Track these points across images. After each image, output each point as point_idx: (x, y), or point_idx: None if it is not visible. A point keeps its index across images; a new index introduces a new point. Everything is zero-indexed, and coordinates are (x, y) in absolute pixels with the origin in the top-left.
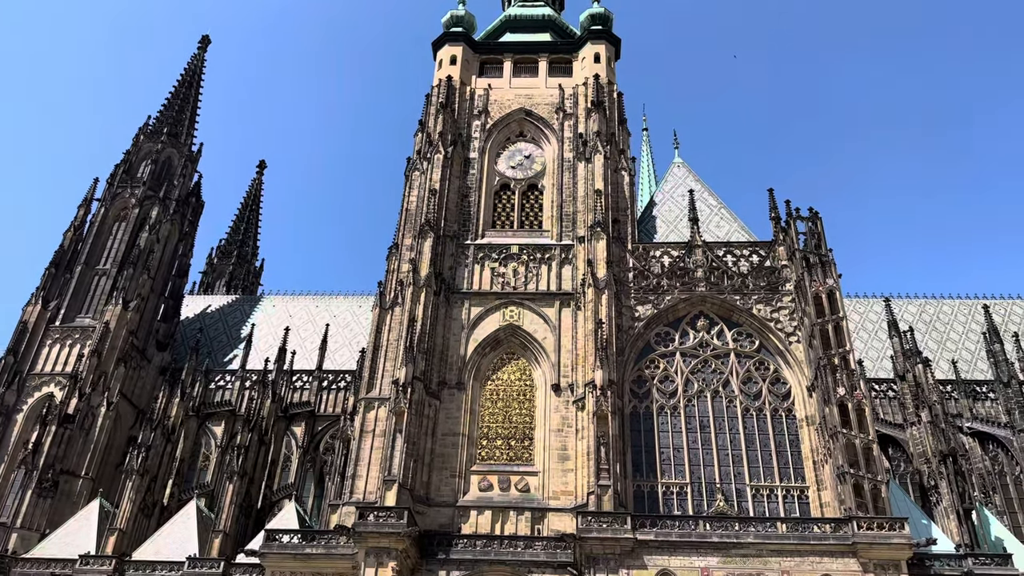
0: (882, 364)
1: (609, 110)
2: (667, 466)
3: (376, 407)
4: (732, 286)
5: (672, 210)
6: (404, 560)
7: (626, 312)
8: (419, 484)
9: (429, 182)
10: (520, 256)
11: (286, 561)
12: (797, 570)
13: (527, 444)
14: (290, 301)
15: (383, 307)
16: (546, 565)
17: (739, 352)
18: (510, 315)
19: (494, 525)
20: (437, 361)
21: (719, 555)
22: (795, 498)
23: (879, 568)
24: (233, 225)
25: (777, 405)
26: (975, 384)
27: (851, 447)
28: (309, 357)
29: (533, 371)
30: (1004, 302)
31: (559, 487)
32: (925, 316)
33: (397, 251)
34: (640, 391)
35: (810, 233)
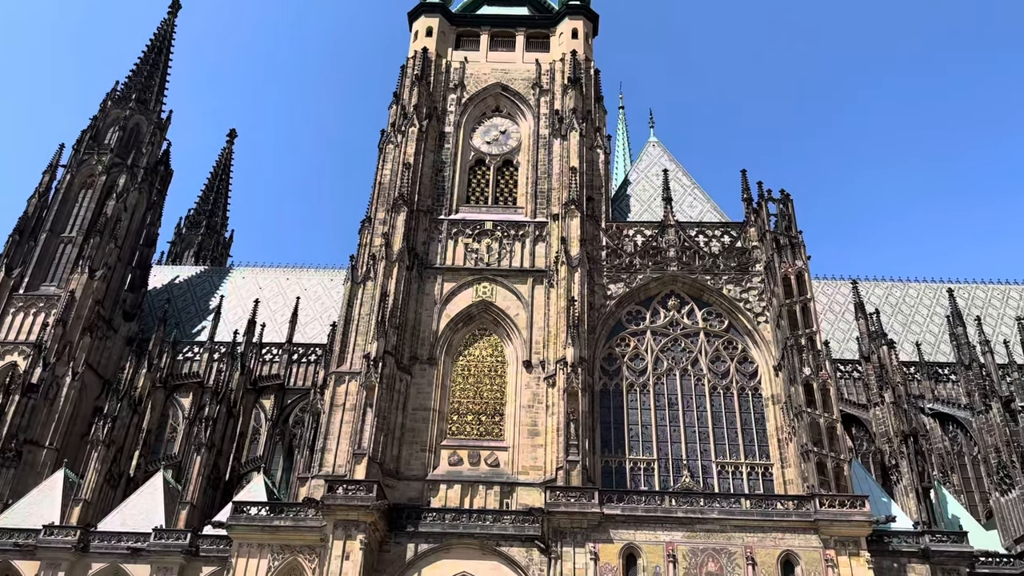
0: (848, 345)
1: (586, 87)
2: (635, 442)
3: (347, 381)
4: (703, 266)
5: (646, 189)
6: (373, 533)
7: (598, 290)
8: (389, 458)
9: (403, 156)
10: (494, 232)
11: (254, 533)
12: (760, 545)
13: (498, 420)
14: (260, 273)
15: (355, 281)
16: (514, 538)
17: (708, 331)
18: (483, 291)
19: (463, 499)
20: (409, 336)
21: (684, 530)
22: (759, 475)
23: (839, 544)
24: (202, 195)
25: (744, 384)
26: (938, 366)
27: (815, 426)
28: (279, 330)
29: (505, 347)
30: (968, 286)
31: (528, 462)
32: (891, 299)
33: (370, 225)
34: (610, 368)
35: (781, 215)
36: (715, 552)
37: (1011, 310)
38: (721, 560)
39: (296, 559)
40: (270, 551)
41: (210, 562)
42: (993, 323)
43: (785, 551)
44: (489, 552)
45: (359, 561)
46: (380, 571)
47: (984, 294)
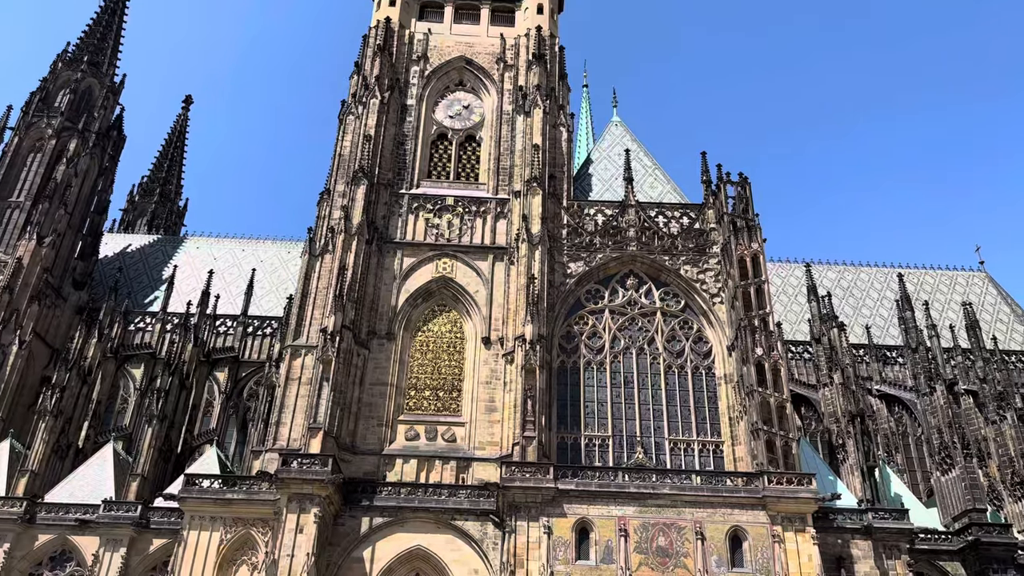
0: (800, 327)
1: (550, 64)
2: (591, 419)
3: (303, 355)
4: (662, 246)
5: (608, 169)
6: (327, 507)
7: (558, 268)
8: (345, 432)
9: (364, 127)
10: (455, 208)
11: (206, 506)
12: (709, 520)
13: (455, 395)
14: (215, 243)
15: (313, 254)
16: (469, 512)
17: (665, 311)
18: (443, 267)
19: (419, 474)
20: (367, 310)
21: (636, 505)
22: (711, 452)
23: (786, 520)
24: (156, 162)
25: (698, 363)
26: (886, 349)
27: (766, 405)
28: (234, 302)
29: (464, 324)
30: (917, 271)
31: (485, 438)
32: (843, 282)
33: (329, 197)
34: (568, 346)
35: (739, 197)
36: (666, 527)
37: (958, 295)
38: (671, 535)
39: (249, 532)
40: (223, 524)
41: (161, 534)
42: (940, 308)
43: (733, 526)
44: (444, 526)
45: (312, 534)
46: (334, 544)
47: (933, 279)
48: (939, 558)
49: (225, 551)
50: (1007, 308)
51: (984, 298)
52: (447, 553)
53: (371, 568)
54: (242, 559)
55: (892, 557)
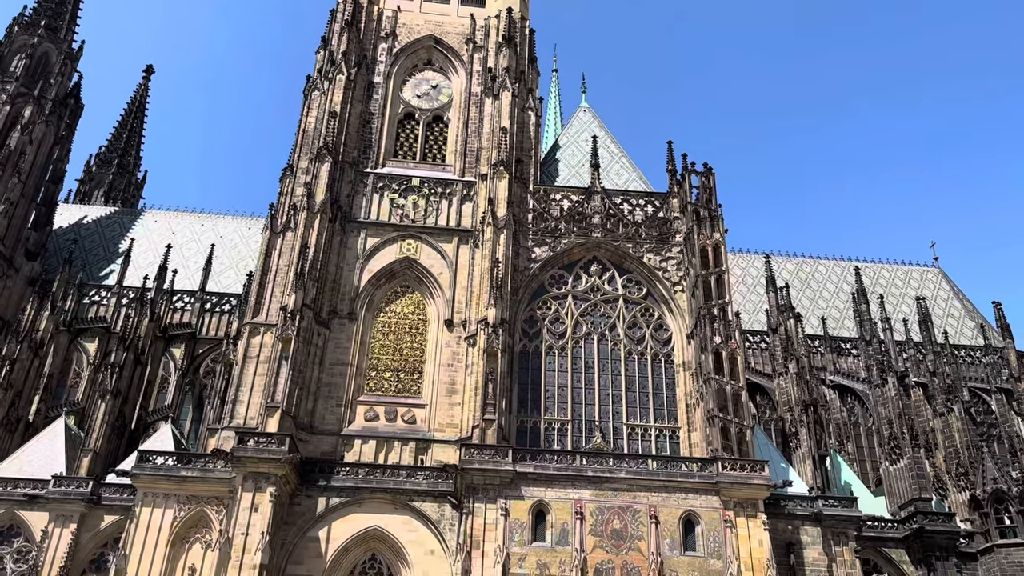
0: (758, 317)
1: (520, 47)
2: (551, 403)
3: (262, 333)
4: (626, 234)
5: (575, 155)
6: (283, 486)
7: (523, 253)
8: (303, 412)
9: (329, 104)
10: (421, 189)
11: (159, 483)
12: (663, 505)
13: (416, 377)
14: (174, 217)
15: (274, 231)
16: (427, 494)
17: (627, 298)
18: (407, 248)
19: (378, 454)
20: (329, 290)
21: (593, 488)
22: (667, 438)
23: (738, 506)
24: (115, 133)
25: (658, 350)
26: (840, 341)
27: (722, 392)
28: (192, 277)
29: (427, 305)
30: (874, 265)
31: (445, 420)
32: (801, 274)
33: (292, 173)
34: (531, 331)
35: (703, 188)
36: (621, 510)
37: (912, 290)
38: (626, 518)
39: (203, 510)
40: (176, 501)
41: (113, 511)
42: (895, 301)
43: (687, 511)
44: (401, 507)
45: (268, 513)
46: (290, 524)
47: (889, 274)
48: (885, 545)
49: (178, 528)
50: (958, 304)
51: (937, 293)
52: (404, 534)
53: (326, 548)
54: (195, 537)
55: (840, 544)
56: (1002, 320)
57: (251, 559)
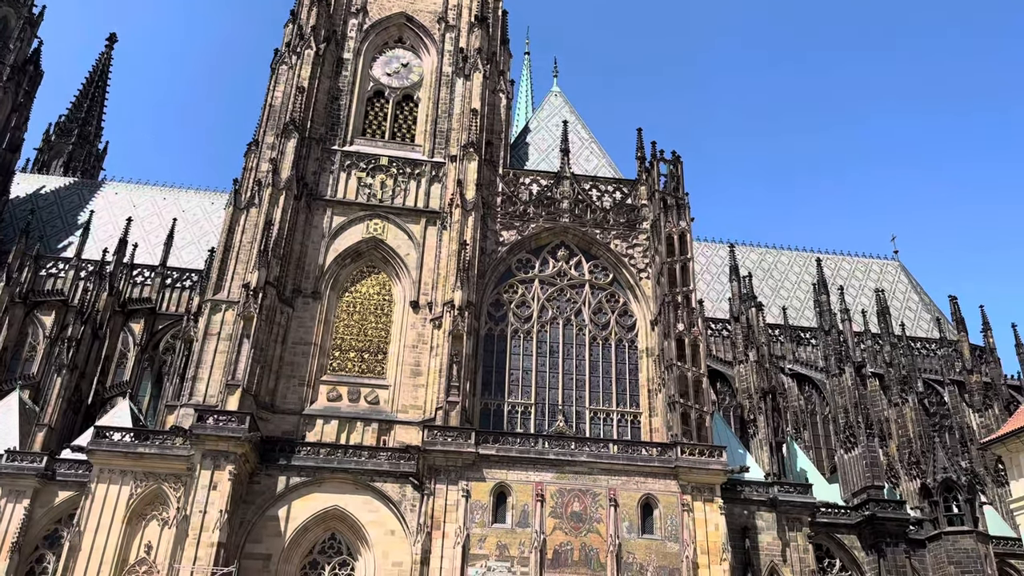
0: (721, 305)
1: (492, 27)
2: (515, 387)
3: (223, 310)
4: (594, 220)
5: (545, 139)
6: (243, 464)
7: (491, 236)
8: (265, 390)
9: (297, 79)
10: (389, 168)
11: (116, 459)
12: (623, 488)
13: (380, 358)
14: (135, 190)
15: (238, 206)
16: (388, 475)
17: (594, 284)
18: (374, 228)
19: (340, 435)
20: (293, 268)
21: (554, 471)
22: (629, 423)
23: (696, 490)
24: (75, 102)
25: (622, 336)
26: (800, 330)
27: (683, 379)
28: (153, 251)
29: (393, 286)
30: (835, 257)
31: (409, 401)
32: (764, 264)
33: (257, 148)
34: (497, 314)
35: (671, 175)
36: (581, 493)
37: (871, 282)
38: (586, 500)
39: (161, 487)
40: (133, 478)
41: (68, 487)
42: (855, 293)
43: (646, 494)
44: (362, 487)
45: (227, 492)
46: (249, 502)
47: (849, 266)
48: (838, 531)
49: (135, 505)
50: (916, 297)
51: (896, 286)
52: (364, 514)
53: (286, 527)
54: (152, 514)
55: (794, 529)
56: (957, 314)
57: (209, 537)
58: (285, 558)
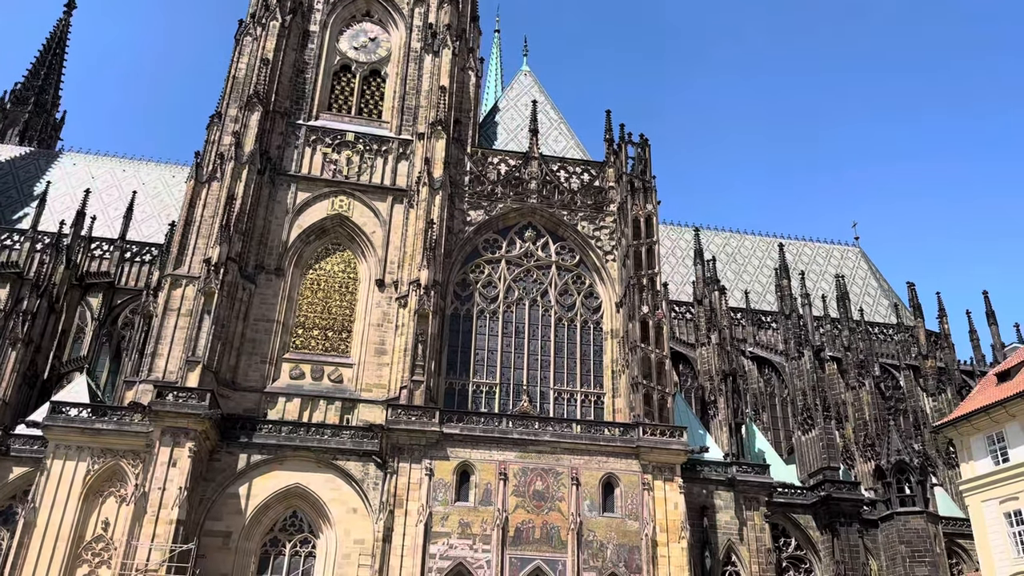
0: (685, 288)
1: (462, 4)
2: (480, 366)
3: (184, 285)
4: (562, 201)
5: (514, 119)
6: (203, 441)
7: (458, 215)
8: (226, 367)
9: (262, 51)
10: (356, 145)
11: (72, 435)
12: (585, 467)
13: (345, 336)
14: (94, 161)
15: (199, 180)
16: (352, 453)
17: (560, 265)
18: (339, 205)
19: (303, 413)
20: (256, 244)
21: (518, 450)
22: (592, 403)
23: (656, 470)
24: (32, 69)
25: (588, 317)
26: (762, 314)
27: (647, 360)
28: (112, 225)
29: (358, 264)
30: (797, 242)
31: (373, 380)
32: (728, 248)
33: (220, 121)
34: (463, 294)
35: (638, 158)
36: (544, 472)
37: (832, 268)
38: (549, 479)
39: (119, 463)
40: (90, 454)
41: (22, 462)
42: (815, 278)
43: (608, 473)
44: (325, 465)
45: (186, 469)
46: (209, 480)
47: (811, 251)
48: (794, 511)
49: (92, 482)
50: (875, 282)
51: (856, 272)
52: (326, 492)
53: (246, 504)
54: (110, 491)
55: (751, 508)
56: (915, 300)
57: (168, 514)
58: (246, 535)
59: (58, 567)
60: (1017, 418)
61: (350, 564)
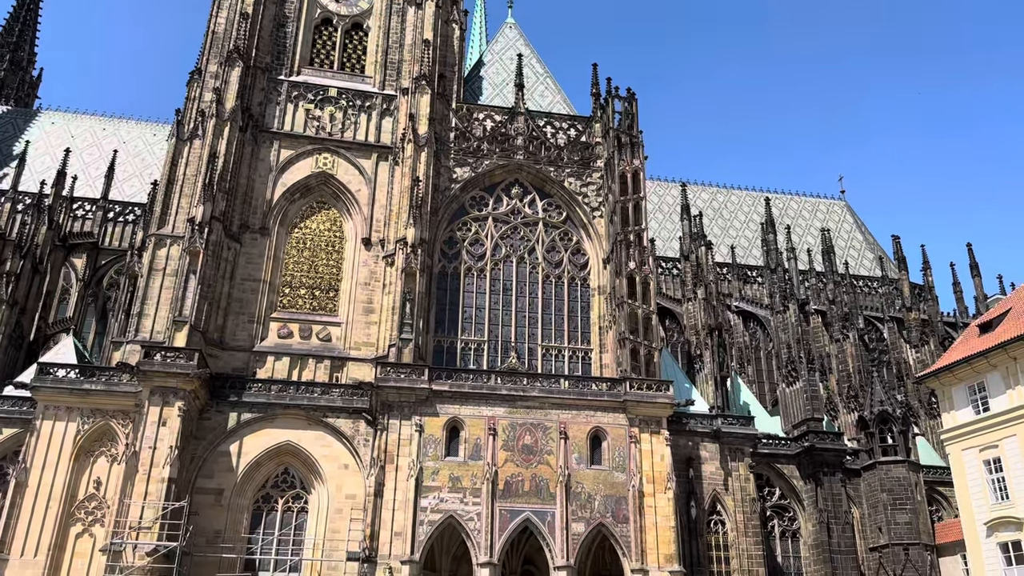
0: (671, 244)
1: None
2: (468, 324)
3: (168, 245)
4: (548, 157)
5: (500, 73)
6: (192, 401)
7: (444, 172)
8: (213, 327)
9: (241, 4)
10: (338, 101)
11: (61, 396)
12: (573, 422)
13: (332, 295)
14: (73, 120)
15: (180, 138)
16: (341, 410)
17: (547, 222)
18: (323, 162)
19: (292, 372)
20: (240, 203)
21: (506, 406)
22: (580, 359)
23: (643, 423)
24: (6, 25)
25: (575, 274)
26: (748, 268)
27: (634, 316)
28: (93, 184)
29: (344, 223)
30: (784, 196)
31: (361, 338)
32: (715, 203)
33: (200, 77)
34: (450, 252)
35: (625, 113)
36: (532, 426)
37: (818, 222)
38: (537, 434)
39: (108, 423)
40: (80, 415)
41: (11, 424)
42: (801, 232)
43: (595, 427)
44: (315, 423)
45: (176, 428)
46: (200, 438)
47: (797, 205)
48: (778, 461)
49: (82, 442)
50: (860, 236)
51: (842, 225)
52: (317, 449)
53: (238, 462)
54: (100, 450)
55: (736, 459)
56: (899, 253)
57: (159, 472)
58: (238, 492)
59: (52, 525)
60: (998, 368)
61: (342, 518)
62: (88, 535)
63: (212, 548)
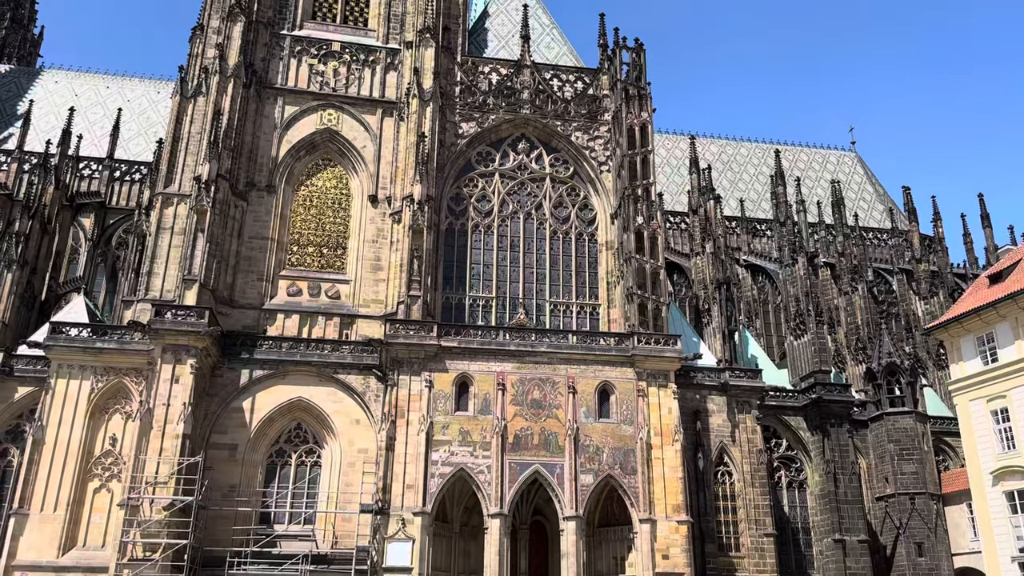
0: (680, 198)
1: None
2: (476, 280)
3: (175, 203)
4: (555, 111)
5: (505, 24)
6: (204, 358)
7: (450, 128)
8: (223, 285)
9: None
10: (342, 55)
11: (74, 354)
12: (581, 376)
13: (340, 253)
14: (76, 78)
15: (184, 95)
16: (352, 367)
17: (554, 177)
18: (328, 119)
19: (302, 329)
20: (245, 160)
21: (515, 361)
22: (588, 314)
23: (651, 377)
24: None
25: (582, 230)
26: (756, 222)
27: (641, 271)
28: (99, 143)
29: (350, 180)
30: (793, 148)
31: (370, 296)
32: (724, 156)
33: (202, 33)
34: (457, 208)
35: (633, 64)
36: (541, 381)
37: (828, 173)
38: (546, 388)
39: (122, 381)
40: (93, 373)
41: (26, 383)
42: (811, 184)
43: (603, 381)
44: (326, 379)
45: (189, 385)
46: (212, 395)
47: (807, 157)
48: (785, 413)
49: (97, 399)
50: (871, 188)
51: (852, 177)
52: (329, 404)
53: (251, 418)
54: (115, 408)
55: (743, 411)
56: (909, 204)
57: (173, 429)
58: (251, 447)
59: (69, 481)
60: (1007, 319)
61: (355, 472)
62: (106, 490)
63: (227, 502)
